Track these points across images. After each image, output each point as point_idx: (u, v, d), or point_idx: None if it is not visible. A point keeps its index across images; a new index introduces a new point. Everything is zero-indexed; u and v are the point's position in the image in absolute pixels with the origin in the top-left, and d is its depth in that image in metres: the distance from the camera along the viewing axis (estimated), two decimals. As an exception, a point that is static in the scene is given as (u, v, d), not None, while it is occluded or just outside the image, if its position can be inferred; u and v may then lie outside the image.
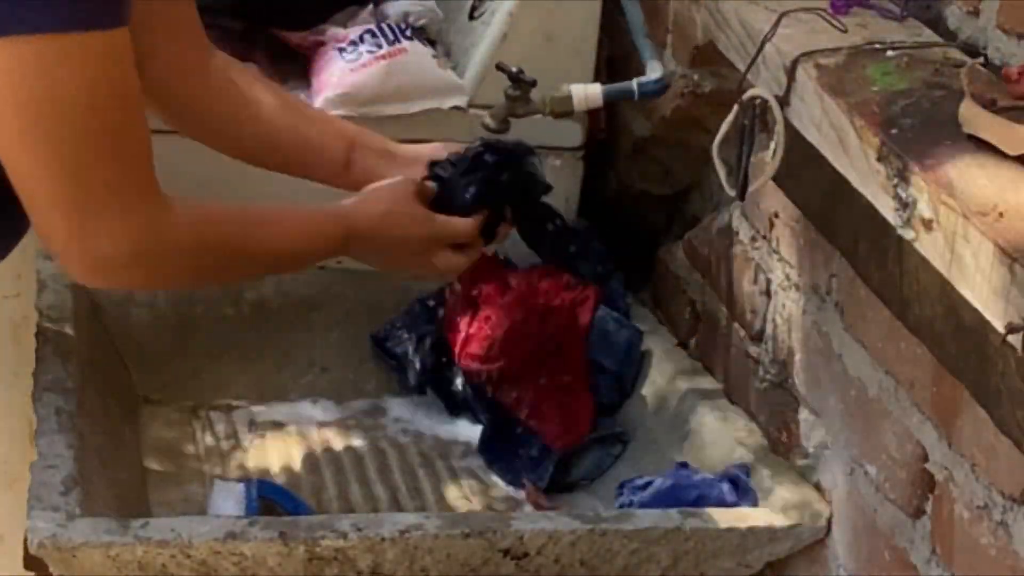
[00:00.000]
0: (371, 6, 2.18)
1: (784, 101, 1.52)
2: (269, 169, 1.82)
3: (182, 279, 1.58)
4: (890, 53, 1.52)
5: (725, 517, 1.69)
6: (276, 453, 1.99)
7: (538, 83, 1.88)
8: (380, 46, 2.08)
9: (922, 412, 1.53)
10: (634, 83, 1.87)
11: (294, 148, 1.80)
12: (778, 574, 1.76)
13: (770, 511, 1.71)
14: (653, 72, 1.87)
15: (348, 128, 1.84)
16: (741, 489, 1.75)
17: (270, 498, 1.82)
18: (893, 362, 1.58)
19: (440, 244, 1.75)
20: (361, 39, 2.09)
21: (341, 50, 2.08)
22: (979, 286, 1.20)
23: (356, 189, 1.77)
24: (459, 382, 2.05)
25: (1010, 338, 1.16)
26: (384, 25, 2.11)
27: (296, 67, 2.16)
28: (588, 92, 1.86)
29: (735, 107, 1.58)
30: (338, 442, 2.02)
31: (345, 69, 2.06)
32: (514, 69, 1.86)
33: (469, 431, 2.05)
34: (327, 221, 1.68)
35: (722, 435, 1.86)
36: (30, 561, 1.56)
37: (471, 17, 2.15)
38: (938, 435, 1.50)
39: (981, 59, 1.48)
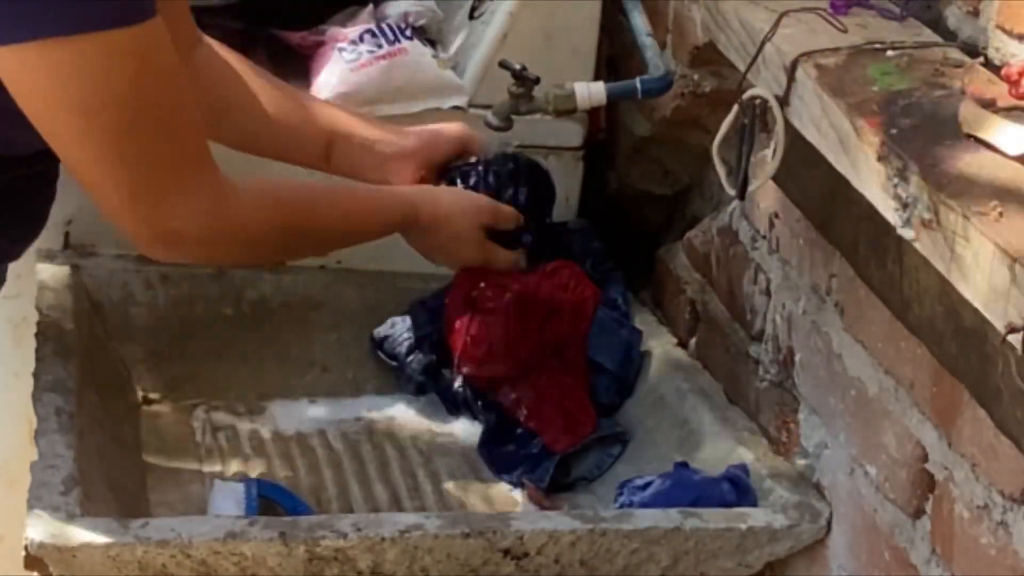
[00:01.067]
0: (371, 6, 2.18)
1: (784, 101, 1.52)
2: (255, 155, 1.85)
3: (252, 253, 1.64)
4: (890, 53, 1.52)
5: (725, 517, 1.69)
6: (276, 453, 1.99)
7: (540, 80, 1.88)
8: (380, 46, 2.08)
9: (922, 412, 1.53)
10: (637, 81, 1.87)
11: (273, 139, 1.84)
12: (778, 574, 1.76)
13: (770, 511, 1.71)
14: (656, 70, 1.87)
15: (331, 118, 1.86)
16: (741, 489, 1.75)
17: (270, 498, 1.82)
18: (893, 362, 1.58)
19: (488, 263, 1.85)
20: (361, 39, 2.09)
21: (341, 50, 2.08)
22: (979, 286, 1.20)
23: (342, 175, 1.84)
24: (459, 382, 2.05)
25: (1010, 338, 1.16)
26: (384, 25, 2.11)
27: (296, 67, 2.16)
28: (592, 90, 1.86)
29: (735, 107, 1.58)
30: (338, 442, 2.02)
31: (345, 69, 2.06)
32: (517, 66, 1.86)
33: (469, 431, 2.05)
34: (393, 208, 1.74)
35: (722, 435, 1.86)
36: (30, 561, 1.56)
37: (471, 17, 2.15)
38: (938, 435, 1.50)
39: (981, 59, 1.48)
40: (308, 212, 1.63)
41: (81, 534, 1.53)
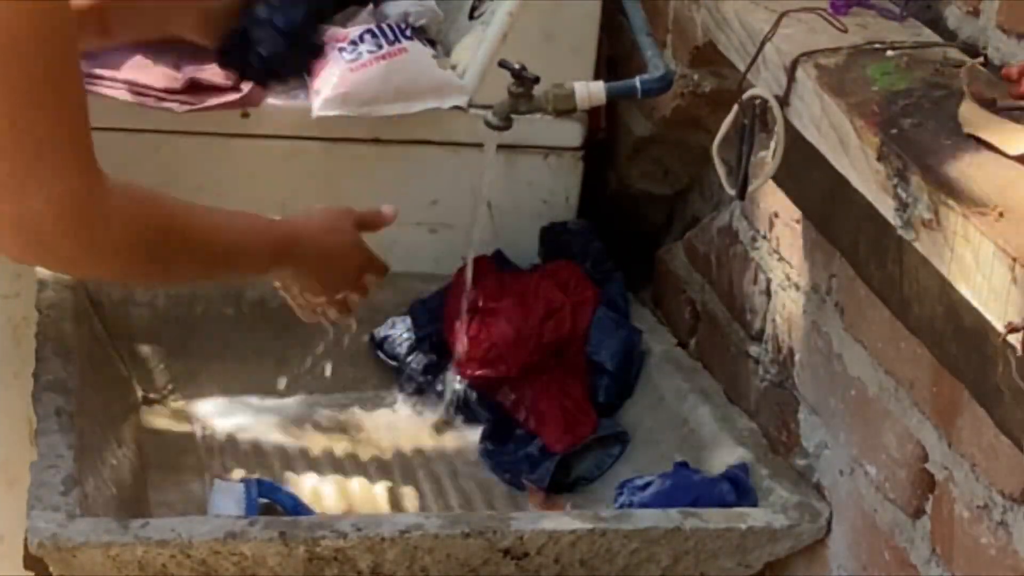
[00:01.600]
0: (371, 6, 2.18)
1: (784, 101, 1.52)
2: None
3: (119, 257, 1.49)
4: (890, 53, 1.52)
5: (725, 517, 1.69)
6: (276, 453, 1.99)
7: (540, 80, 1.88)
8: (380, 46, 2.07)
9: (922, 412, 1.53)
10: (637, 80, 1.87)
11: None
12: (778, 574, 1.76)
13: (770, 511, 1.71)
14: (656, 70, 1.87)
15: None
16: (741, 489, 1.75)
17: (270, 498, 1.82)
18: (893, 362, 1.58)
19: (365, 270, 1.80)
20: (361, 39, 2.08)
21: (341, 50, 2.08)
22: (979, 286, 1.20)
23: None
24: (459, 383, 2.05)
25: (1010, 338, 1.16)
26: (384, 25, 2.11)
27: (296, 67, 2.15)
28: (591, 89, 1.86)
29: (735, 107, 1.58)
30: (338, 442, 2.02)
31: (345, 69, 2.06)
32: (517, 66, 1.86)
33: (469, 431, 2.05)
34: (273, 225, 1.68)
35: (722, 435, 1.86)
36: (30, 561, 1.56)
37: (471, 17, 2.15)
38: (938, 435, 1.50)
39: (981, 59, 1.48)
40: (184, 216, 1.55)
41: (81, 534, 1.53)
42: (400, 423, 2.08)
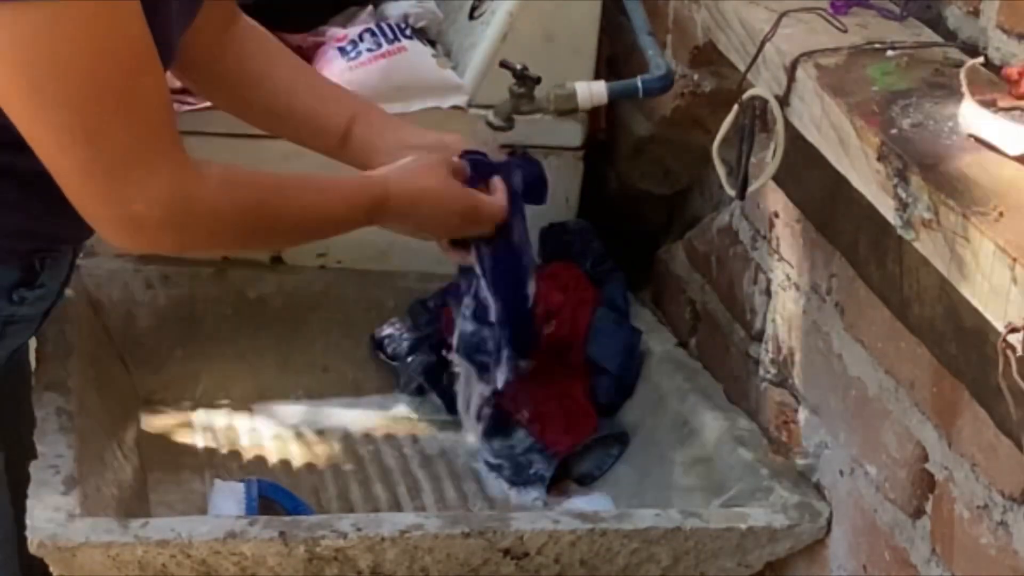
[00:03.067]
0: (371, 7, 2.18)
1: (784, 101, 1.52)
2: (275, 135, 1.87)
3: (218, 240, 1.60)
4: (890, 53, 1.52)
5: (725, 517, 1.69)
6: (276, 453, 1.99)
7: (542, 80, 1.88)
8: (380, 45, 2.08)
9: (922, 412, 1.53)
10: (638, 80, 1.87)
11: (294, 118, 1.83)
12: (778, 574, 1.76)
13: (770, 511, 1.71)
14: (657, 69, 1.87)
15: (354, 102, 1.85)
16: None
17: (270, 498, 1.82)
18: (893, 362, 1.58)
19: (475, 219, 1.76)
20: (361, 38, 2.09)
21: (341, 49, 2.08)
22: (979, 286, 1.20)
23: (354, 164, 1.79)
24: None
25: (1010, 338, 1.16)
26: (384, 24, 2.11)
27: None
28: (593, 90, 1.86)
29: (735, 107, 1.58)
30: (338, 442, 2.02)
31: (345, 68, 2.06)
32: (518, 66, 1.86)
33: (469, 431, 2.05)
34: (364, 191, 1.69)
35: (722, 435, 1.85)
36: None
37: (471, 17, 2.15)
38: (938, 435, 1.50)
39: (981, 59, 1.48)
40: (276, 194, 1.60)
41: (81, 534, 1.53)
42: (400, 423, 2.08)
